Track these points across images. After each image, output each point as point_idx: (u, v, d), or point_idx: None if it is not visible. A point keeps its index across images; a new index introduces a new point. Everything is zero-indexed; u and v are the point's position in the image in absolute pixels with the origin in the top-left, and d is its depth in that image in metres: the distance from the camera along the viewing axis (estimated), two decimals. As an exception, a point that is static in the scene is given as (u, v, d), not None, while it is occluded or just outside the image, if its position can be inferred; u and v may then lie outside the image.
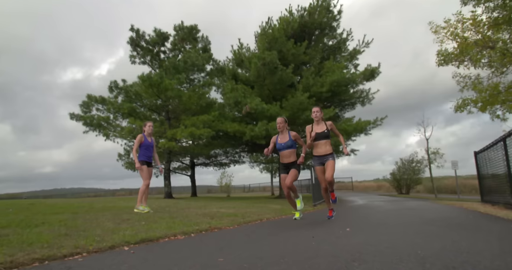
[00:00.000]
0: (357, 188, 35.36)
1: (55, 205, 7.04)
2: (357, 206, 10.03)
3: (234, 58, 16.63)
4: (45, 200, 13.13)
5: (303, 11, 15.24)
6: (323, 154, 5.03)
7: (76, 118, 16.74)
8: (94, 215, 4.96)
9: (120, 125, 17.57)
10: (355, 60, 16.02)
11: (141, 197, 6.03)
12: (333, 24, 15.55)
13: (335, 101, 15.72)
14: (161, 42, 19.34)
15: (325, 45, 16.22)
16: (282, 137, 5.21)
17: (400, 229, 3.86)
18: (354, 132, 14.93)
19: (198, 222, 4.51)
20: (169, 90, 15.62)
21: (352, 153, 17.89)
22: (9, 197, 43.65)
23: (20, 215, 4.75)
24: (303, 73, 14.65)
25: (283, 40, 14.28)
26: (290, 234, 3.66)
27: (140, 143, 6.09)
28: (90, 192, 55.83)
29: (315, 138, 5.03)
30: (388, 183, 27.71)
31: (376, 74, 14.89)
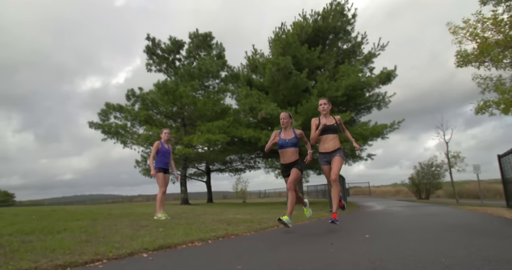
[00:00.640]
0: (375, 193, 34.72)
1: (76, 212, 7.19)
2: (375, 211, 9.83)
3: (249, 64, 16.71)
4: (66, 206, 13.43)
5: (317, 15, 15.21)
6: (331, 150, 4.55)
7: (95, 126, 17.14)
8: (113, 222, 5.04)
9: (137, 132, 17.89)
10: (371, 64, 15.83)
11: (159, 204, 6.09)
12: (348, 28, 15.45)
13: (350, 105, 15.55)
14: (177, 50, 19.67)
15: (339, 49, 16.11)
16: (286, 133, 4.67)
17: (421, 236, 3.75)
18: (370, 136, 14.70)
19: (215, 228, 4.51)
20: (184, 97, 15.83)
21: (369, 157, 17.62)
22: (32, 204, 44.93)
23: (43, 221, 4.86)
24: (318, 77, 14.58)
25: (297, 45, 14.28)
26: (308, 241, 3.60)
27: (157, 149, 6.17)
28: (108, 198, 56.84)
29: (324, 130, 4.57)
30: (407, 187, 27.07)
31: (392, 77, 14.67)
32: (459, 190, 21.88)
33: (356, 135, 14.07)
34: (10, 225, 4.29)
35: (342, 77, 14.03)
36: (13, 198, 57.68)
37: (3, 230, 3.71)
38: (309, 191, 32.10)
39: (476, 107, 13.33)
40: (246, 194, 29.33)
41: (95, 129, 17.20)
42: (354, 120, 16.74)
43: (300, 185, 5.42)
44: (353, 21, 15.36)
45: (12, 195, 58.88)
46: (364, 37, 15.74)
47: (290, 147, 4.56)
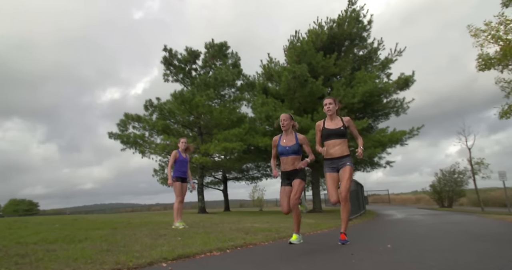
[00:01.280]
0: (394, 201, 33.88)
1: (96, 221, 7.31)
2: (396, 220, 9.58)
3: (264, 73, 16.81)
4: (87, 215, 13.71)
5: (332, 23, 15.20)
6: (337, 156, 3.98)
7: (114, 137, 17.51)
8: (132, 231, 5.09)
9: (155, 142, 18.16)
10: (388, 70, 15.63)
11: (176, 213, 6.13)
12: (363, 34, 15.36)
13: (367, 112, 15.35)
14: (193, 60, 19.99)
15: (355, 56, 16.00)
16: (287, 139, 4.17)
17: (446, 246, 3.61)
18: (389, 143, 14.42)
19: (232, 237, 4.49)
20: (200, 107, 16.01)
21: (388, 164, 17.26)
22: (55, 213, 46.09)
23: (65, 230, 4.97)
24: (334, 85, 14.49)
25: (312, 52, 14.28)
26: (327, 251, 3.54)
27: (175, 158, 6.25)
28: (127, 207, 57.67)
29: (327, 136, 4.04)
30: (428, 195, 26.30)
31: (410, 83, 14.42)
32: (484, 198, 21.07)
33: (374, 142, 13.83)
34: (34, 234, 4.40)
35: (359, 84, 13.89)
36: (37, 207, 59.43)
37: (28, 239, 3.81)
38: (326, 199, 31.61)
39: (500, 112, 12.93)
40: (263, 202, 29.17)
41: (114, 139, 17.57)
42: (372, 127, 16.49)
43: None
44: (369, 27, 15.27)
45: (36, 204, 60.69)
46: (380, 43, 15.60)
47: (290, 155, 4.07)
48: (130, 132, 17.88)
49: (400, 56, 15.27)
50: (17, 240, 3.75)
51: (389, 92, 14.54)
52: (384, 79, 15.23)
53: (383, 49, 15.73)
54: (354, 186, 12.52)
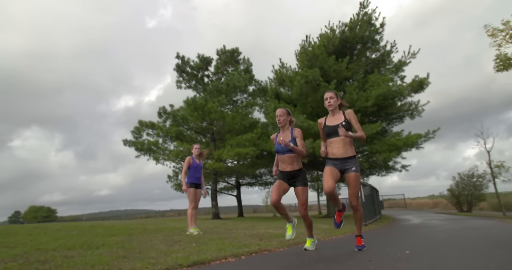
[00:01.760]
0: (411, 206, 33.17)
1: (112, 227, 7.40)
2: (413, 225, 9.37)
3: (276, 78, 16.83)
4: (103, 221, 13.90)
5: (344, 26, 15.14)
6: (341, 157, 3.58)
7: (129, 144, 17.79)
8: (148, 237, 5.13)
9: (168, 148, 18.36)
10: (401, 72, 15.41)
11: (190, 219, 6.15)
12: (376, 37, 15.22)
13: (381, 115, 15.14)
14: (205, 67, 20.21)
15: (368, 59, 15.86)
16: (283, 136, 3.83)
17: (468, 252, 3.51)
18: (404, 147, 14.17)
19: (247, 243, 4.47)
20: (213, 113, 16.13)
21: (404, 168, 16.92)
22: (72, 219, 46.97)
23: (82, 236, 5.05)
24: (346, 88, 14.38)
25: (324, 56, 14.23)
26: (343, 257, 3.48)
27: (188, 164, 6.28)
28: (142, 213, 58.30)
29: (328, 134, 3.68)
30: (446, 199, 25.64)
31: (425, 85, 14.18)
32: (505, 202, 20.40)
33: (389, 146, 13.62)
34: (53, 240, 4.48)
35: (372, 87, 13.75)
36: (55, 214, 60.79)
37: (47, 245, 3.88)
38: (341, 204, 31.22)
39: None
40: (277, 208, 28.96)
41: (129, 146, 17.85)
42: (386, 131, 16.25)
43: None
44: (381, 30, 15.13)
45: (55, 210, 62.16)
46: (393, 45, 15.43)
47: (286, 153, 3.71)
48: (144, 139, 18.14)
49: (414, 59, 15.05)
50: (37, 246, 3.83)
51: (403, 95, 14.33)
52: (398, 82, 15.02)
53: (396, 52, 15.54)
54: (369, 190, 12.32)
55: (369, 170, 17.30)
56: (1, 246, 3.90)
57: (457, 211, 23.11)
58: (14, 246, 3.89)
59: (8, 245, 3.98)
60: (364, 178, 18.50)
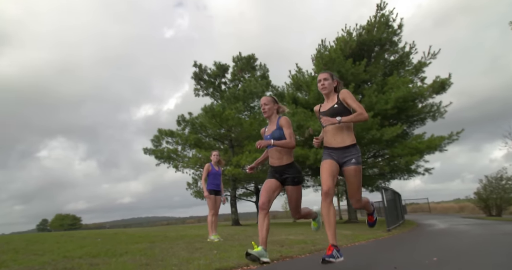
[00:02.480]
0: (435, 210, 32.12)
1: (134, 235, 7.52)
2: (439, 230, 9.06)
3: (293, 83, 16.81)
4: (126, 229, 14.15)
5: (361, 29, 15.03)
6: (337, 146, 2.97)
7: (149, 152, 18.16)
8: (169, 244, 5.18)
9: (188, 155, 18.59)
10: (421, 73, 15.08)
11: (210, 226, 6.17)
12: (394, 39, 15.02)
13: (402, 118, 14.84)
14: (222, 74, 20.45)
15: (386, 61, 15.64)
16: (269, 127, 3.36)
17: (498, 259, 3.35)
18: (427, 150, 13.80)
19: (268, 250, 4.41)
20: (230, 119, 16.26)
21: (427, 171, 16.45)
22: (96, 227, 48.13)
23: (106, 244, 5.15)
24: (365, 91, 14.19)
25: (340, 60, 14.12)
26: (368, 264, 3.39)
27: (207, 171, 6.33)
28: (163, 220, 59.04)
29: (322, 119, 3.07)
30: (473, 203, 24.68)
31: (447, 86, 13.82)
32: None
33: (410, 149, 13.29)
34: (79, 248, 4.60)
35: (391, 90, 13.52)
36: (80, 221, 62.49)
37: (73, 253, 3.98)
38: (361, 210, 30.65)
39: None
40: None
41: (149, 155, 18.21)
42: (407, 133, 15.89)
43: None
44: (399, 31, 14.92)
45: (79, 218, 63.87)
46: (412, 46, 15.15)
47: (273, 146, 3.20)
48: (163, 147, 18.45)
49: (434, 59, 14.73)
50: (64, 254, 3.93)
51: (424, 96, 14.01)
52: (418, 84, 14.71)
53: (416, 53, 15.25)
54: (391, 194, 12.03)
55: (390, 174, 16.92)
56: (31, 253, 4.03)
57: (485, 215, 22.19)
58: (42, 253, 4.02)
59: (37, 252, 4.11)
60: (386, 182, 18.10)
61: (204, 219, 7.98)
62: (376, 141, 13.54)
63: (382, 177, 17.66)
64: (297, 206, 3.27)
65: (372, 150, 16.01)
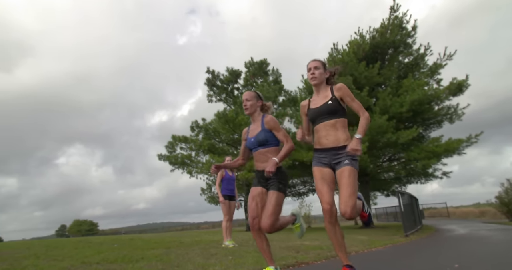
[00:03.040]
0: (454, 215, 31.21)
1: (150, 240, 7.59)
2: (458, 236, 8.80)
3: (306, 87, 16.77)
4: (141, 234, 14.30)
5: (375, 32, 14.91)
6: (330, 147, 2.60)
7: (163, 158, 18.36)
8: (185, 250, 5.20)
9: (201, 161, 18.71)
10: (437, 75, 14.80)
11: (225, 232, 6.17)
12: (408, 41, 14.82)
13: (417, 120, 14.57)
14: (234, 80, 20.58)
15: (400, 64, 15.44)
16: (253, 127, 2.98)
17: (525, 267, 3.23)
18: (445, 153, 13.49)
19: (283, 256, 4.40)
20: (243, 125, 16.31)
21: (445, 175, 16.06)
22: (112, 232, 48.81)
23: (123, 250, 5.21)
24: (379, 94, 14.02)
25: (353, 63, 14.02)
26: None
27: (221, 177, 6.35)
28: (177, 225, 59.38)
29: (313, 118, 2.74)
30: (494, 208, 23.91)
31: (464, 88, 13.52)
32: None
33: (427, 153, 13.02)
34: (97, 253, 4.67)
35: (406, 92, 13.33)
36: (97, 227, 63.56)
37: (91, 259, 4.05)
38: (378, 214, 30.09)
39: None
40: (310, 218, 28.45)
41: (163, 161, 18.41)
42: (423, 136, 15.58)
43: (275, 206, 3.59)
44: (413, 33, 14.73)
45: (96, 224, 64.99)
46: (427, 48, 14.91)
47: (258, 148, 2.86)
48: (178, 153, 18.64)
49: (450, 61, 14.44)
50: (82, 259, 4.00)
51: (441, 99, 13.74)
52: (434, 86, 14.44)
53: (431, 55, 14.99)
54: (408, 199, 11.78)
55: (406, 178, 16.61)
56: (51, 259, 4.11)
57: (508, 220, 21.46)
58: (62, 259, 4.09)
59: (56, 258, 4.19)
60: (402, 186, 17.75)
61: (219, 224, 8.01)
62: (391, 144, 13.33)
63: (398, 181, 17.34)
64: (272, 214, 2.63)
65: (387, 153, 15.77)
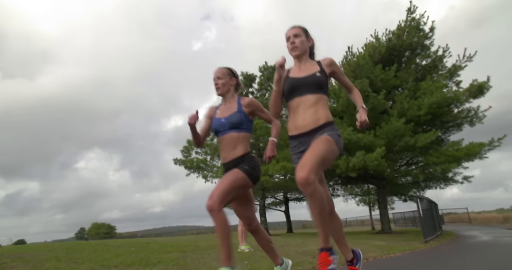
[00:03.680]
0: (476, 221, 30.19)
1: (166, 244, 7.65)
2: (482, 242, 8.52)
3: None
4: (157, 238, 14.45)
5: (391, 34, 14.74)
6: (310, 128, 2.12)
7: (179, 163, 18.57)
8: (200, 254, 5.21)
9: (216, 165, 18.82)
10: (456, 77, 14.45)
11: (241, 236, 6.16)
12: (425, 43, 14.55)
13: (436, 124, 14.24)
14: (249, 84, 20.68)
15: (418, 66, 15.16)
16: (224, 107, 2.54)
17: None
18: (465, 157, 13.11)
19: (300, 261, 4.36)
20: (258, 129, 16.33)
21: (466, 180, 15.60)
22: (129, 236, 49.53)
23: (140, 253, 5.27)
24: (396, 97, 13.80)
25: (369, 66, 13.86)
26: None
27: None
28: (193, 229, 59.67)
29: (291, 90, 2.22)
30: (519, 214, 23.08)
31: (486, 90, 13.14)
32: None
33: (447, 157, 12.69)
34: (115, 256, 4.74)
35: (424, 95, 13.07)
36: (115, 230, 64.67)
37: (110, 262, 4.11)
38: (395, 219, 29.45)
39: None
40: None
41: (179, 165, 18.61)
42: (442, 140, 15.21)
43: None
44: (431, 35, 14.46)
45: (114, 227, 66.15)
46: (446, 50, 14.59)
47: (228, 131, 2.40)
48: (193, 157, 18.81)
49: (470, 62, 14.09)
50: (101, 262, 4.07)
51: (460, 101, 13.40)
52: (453, 88, 14.10)
53: (450, 56, 14.66)
54: (427, 204, 11.50)
55: (425, 182, 16.23)
56: (71, 261, 4.20)
57: (533, 226, 20.66)
58: (81, 262, 4.18)
59: (76, 260, 4.28)
60: (420, 191, 17.34)
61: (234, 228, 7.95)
62: (409, 148, 13.08)
63: (416, 185, 16.96)
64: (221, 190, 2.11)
65: (404, 157, 15.47)
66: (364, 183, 18.51)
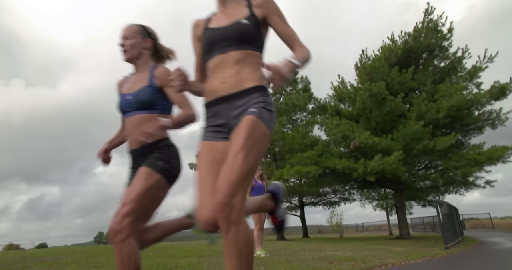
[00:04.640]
0: (499, 226, 29.10)
1: (183, 249, 7.70)
2: (506, 249, 8.20)
3: (335, 94, 16.55)
4: (173, 243, 14.55)
5: (407, 36, 14.54)
6: (227, 94, 1.45)
7: (194, 167, 18.72)
8: (217, 259, 5.22)
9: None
10: (477, 79, 14.10)
11: (256, 241, 6.14)
12: (444, 44, 14.28)
13: (455, 127, 13.89)
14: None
15: (436, 68, 14.87)
16: (133, 80, 1.89)
17: None
18: (487, 161, 12.74)
19: (316, 267, 4.31)
20: (273, 133, 16.32)
21: (488, 184, 15.12)
22: (145, 238, 50.18)
23: (157, 258, 5.32)
24: (414, 100, 13.56)
25: (385, 69, 13.69)
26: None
27: (251, 186, 6.36)
28: (208, 233, 60.00)
29: (210, 45, 1.52)
30: (546, 219, 22.17)
31: (508, 91, 12.77)
32: None
33: (468, 161, 12.34)
34: (132, 260, 4.80)
35: (443, 97, 12.79)
36: (131, 234, 65.64)
37: (127, 266, 4.17)
38: (413, 224, 28.72)
39: None
40: (342, 228, 27.76)
41: (194, 170, 18.75)
42: (463, 143, 14.82)
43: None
44: (449, 36, 14.19)
45: (131, 231, 67.11)
46: (465, 51, 14.27)
47: (135, 111, 1.81)
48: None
49: (491, 63, 13.73)
50: (119, 266, 4.12)
51: (481, 103, 13.06)
52: (474, 90, 13.75)
53: (470, 57, 14.32)
54: (447, 209, 11.15)
55: (444, 187, 15.82)
56: (91, 265, 4.28)
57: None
58: (101, 266, 4.25)
59: (96, 264, 4.36)
60: (439, 195, 16.89)
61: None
62: (428, 151, 12.80)
63: (435, 190, 16.55)
64: (133, 200, 1.58)
65: (423, 161, 15.15)
66: (381, 187, 18.19)
